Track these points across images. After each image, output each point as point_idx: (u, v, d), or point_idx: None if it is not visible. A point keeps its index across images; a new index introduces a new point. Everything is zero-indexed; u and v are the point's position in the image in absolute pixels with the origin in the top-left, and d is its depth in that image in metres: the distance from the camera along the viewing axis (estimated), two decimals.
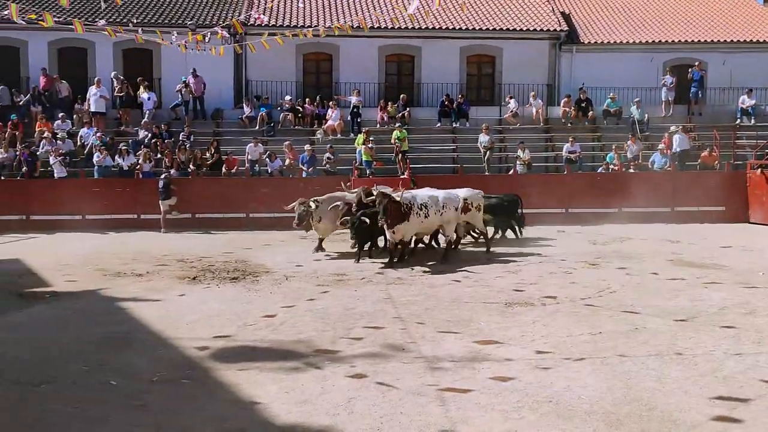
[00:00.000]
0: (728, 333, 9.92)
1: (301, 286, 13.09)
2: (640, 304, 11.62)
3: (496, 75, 28.26)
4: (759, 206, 21.05)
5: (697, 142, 24.10)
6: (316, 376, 8.30)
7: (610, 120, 25.99)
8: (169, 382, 8.11)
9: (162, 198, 20.19)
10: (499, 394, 7.68)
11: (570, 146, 23.38)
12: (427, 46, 27.78)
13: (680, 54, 27.92)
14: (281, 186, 21.61)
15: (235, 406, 7.44)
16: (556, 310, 11.25)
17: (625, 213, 21.15)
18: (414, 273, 14.13)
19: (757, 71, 26.95)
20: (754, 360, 8.75)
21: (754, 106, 25.66)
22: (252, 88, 27.05)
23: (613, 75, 26.94)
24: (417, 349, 9.28)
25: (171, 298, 12.24)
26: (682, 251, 16.59)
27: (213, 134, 24.95)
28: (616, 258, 15.77)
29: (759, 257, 15.75)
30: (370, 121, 25.30)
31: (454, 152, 24.68)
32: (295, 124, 25.55)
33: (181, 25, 25.19)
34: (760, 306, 11.41)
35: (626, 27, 29.15)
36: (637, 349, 9.25)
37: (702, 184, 21.67)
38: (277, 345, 9.54)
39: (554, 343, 9.55)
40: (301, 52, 27.39)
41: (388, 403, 7.44)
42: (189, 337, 9.83)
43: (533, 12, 29.05)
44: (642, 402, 7.43)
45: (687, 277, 13.61)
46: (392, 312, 11.23)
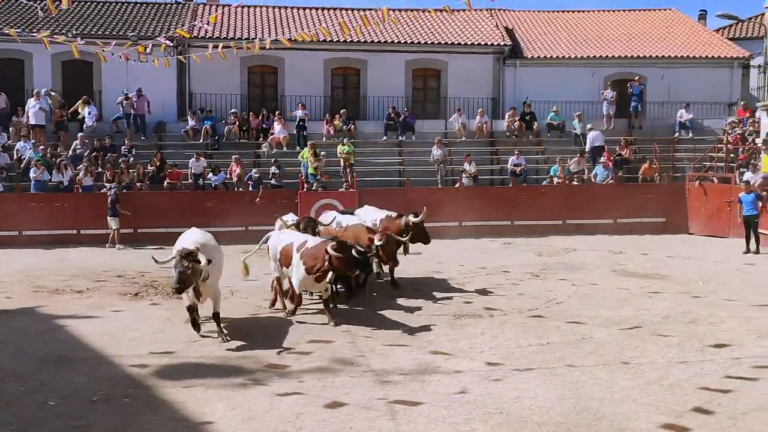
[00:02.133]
0: (672, 341, 10.09)
1: (247, 301, 12.89)
2: (586, 314, 11.75)
3: (442, 88, 28.39)
4: (698, 217, 21.54)
5: (638, 154, 24.59)
6: (263, 392, 8.15)
7: (553, 133, 26.35)
8: (110, 401, 7.87)
9: (110, 214, 19.68)
10: (450, 407, 7.65)
11: (515, 159, 23.61)
12: (372, 59, 27.80)
13: (621, 69, 28.47)
14: (226, 200, 21.33)
15: (180, 425, 7.25)
16: (504, 322, 11.30)
17: (570, 225, 21.44)
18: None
19: (694, 86, 27.61)
20: (698, 368, 8.90)
21: (691, 120, 26.28)
22: (196, 100, 26.67)
23: (556, 89, 27.31)
24: (366, 363, 9.20)
25: (112, 315, 11.93)
26: (625, 262, 16.86)
27: (156, 147, 24.51)
28: (561, 269, 15.94)
29: (699, 267, 16.10)
30: (316, 134, 25.15)
31: (401, 165, 24.71)
32: (240, 138, 25.28)
33: (122, 37, 24.71)
34: (701, 315, 11.64)
35: (568, 42, 29.65)
36: (585, 359, 9.33)
37: (643, 196, 22.10)
38: (224, 361, 9.36)
39: (503, 354, 9.58)
40: (245, 65, 27.10)
41: (337, 418, 7.35)
42: (131, 354, 9.58)
43: (477, 27, 29.34)
44: (591, 411, 7.48)
45: (631, 288, 13.83)
46: (341, 326, 11.12)
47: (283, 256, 11.68)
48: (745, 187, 18.18)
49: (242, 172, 22.21)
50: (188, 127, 25.01)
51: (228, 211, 20.76)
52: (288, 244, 11.68)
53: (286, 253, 11.59)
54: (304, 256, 11.18)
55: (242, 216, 20.55)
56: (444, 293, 13.47)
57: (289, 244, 11.64)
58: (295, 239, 11.74)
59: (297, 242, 11.57)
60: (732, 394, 7.94)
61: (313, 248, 11.21)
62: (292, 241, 11.70)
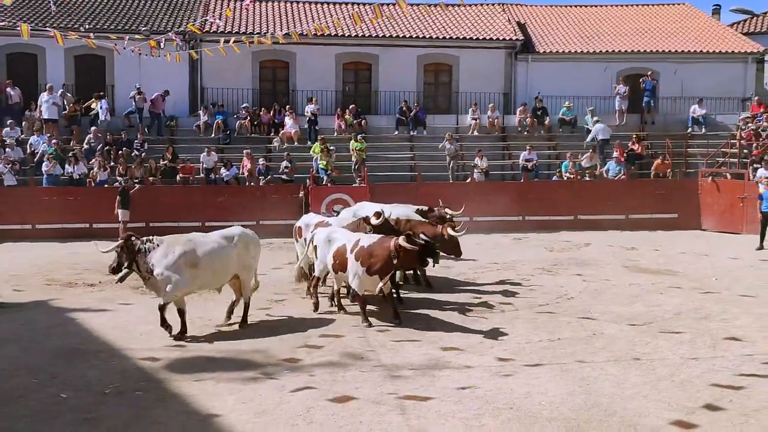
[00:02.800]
0: (684, 338, 10.05)
1: (258, 296, 12.89)
2: (597, 310, 11.72)
3: (453, 83, 28.33)
4: (710, 214, 21.41)
5: (650, 150, 24.47)
6: (274, 386, 8.17)
7: (565, 128, 26.25)
8: (122, 394, 7.92)
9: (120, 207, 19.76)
10: (460, 402, 7.64)
11: (527, 154, 23.55)
12: (384, 54, 27.76)
13: (633, 64, 28.31)
14: (237, 194, 21.38)
15: (191, 418, 7.29)
16: (514, 317, 11.28)
17: (581, 220, 21.36)
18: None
19: (707, 81, 27.44)
20: (709, 364, 8.86)
21: (704, 116, 26.11)
22: (208, 95, 26.73)
23: (568, 84, 27.18)
24: (376, 358, 9.21)
25: (124, 308, 11.99)
26: (637, 258, 16.80)
27: (168, 142, 24.59)
28: (573, 265, 15.89)
29: (711, 263, 16.01)
30: (328, 129, 25.18)
31: (412, 160, 24.69)
32: (251, 132, 25.32)
33: (134, 31, 24.78)
34: (713, 311, 11.59)
35: (581, 37, 29.50)
36: (596, 354, 9.30)
37: (655, 192, 21.99)
38: (234, 355, 9.39)
39: (514, 349, 9.56)
40: (257, 60, 27.13)
41: (347, 413, 7.36)
42: (143, 347, 9.63)
43: (489, 21, 29.26)
44: (602, 407, 7.46)
45: (643, 284, 13.77)
46: (351, 320, 11.14)
47: (336, 259, 11.10)
48: (766, 183, 17.98)
49: (253, 166, 22.26)
50: (200, 121, 25.08)
51: (239, 206, 20.80)
52: (341, 246, 11.10)
53: (340, 255, 11.05)
54: (360, 255, 10.72)
55: (254, 211, 20.60)
56: (455, 288, 13.46)
57: (342, 246, 11.07)
58: (348, 239, 11.18)
59: (350, 243, 11.02)
60: (744, 390, 7.91)
61: (370, 246, 10.74)
62: (345, 242, 11.12)
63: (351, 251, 10.87)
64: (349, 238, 11.18)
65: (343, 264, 11.00)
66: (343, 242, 11.14)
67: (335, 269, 11.20)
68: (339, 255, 11.08)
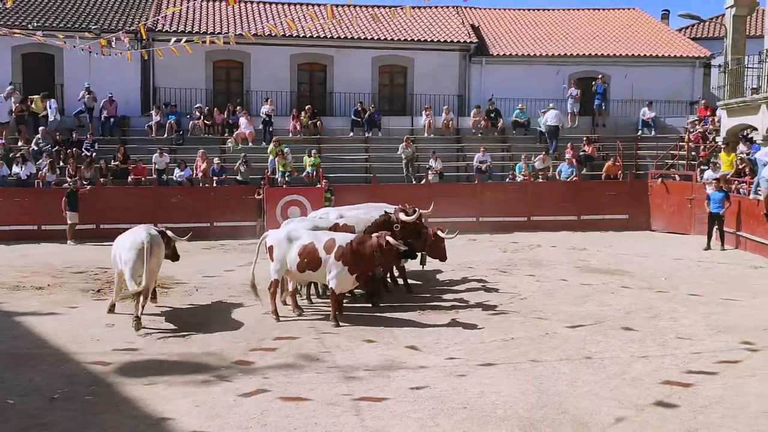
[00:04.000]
0: (634, 336, 10.23)
1: (211, 297, 12.79)
2: (550, 310, 11.86)
3: (408, 85, 28.40)
4: (660, 215, 21.80)
5: (602, 152, 24.84)
6: (227, 388, 8.10)
7: (518, 130, 26.51)
8: (71, 399, 7.76)
9: (68, 209, 19.36)
10: (415, 402, 7.66)
11: (480, 156, 23.72)
12: (339, 55, 27.71)
13: (585, 67, 28.71)
14: (190, 195, 21.12)
15: (142, 423, 7.18)
16: (469, 317, 11.34)
17: (534, 221, 21.59)
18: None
19: (656, 84, 27.98)
20: (659, 362, 9.03)
21: (654, 118, 26.60)
22: (160, 95, 26.38)
23: (521, 86, 27.45)
24: (331, 359, 9.19)
25: (74, 311, 11.76)
26: (589, 258, 17.04)
27: (119, 142, 24.22)
28: (526, 265, 16.06)
29: (661, 263, 16.31)
30: (282, 130, 25.04)
31: (367, 162, 24.69)
32: (205, 133, 25.06)
33: (84, 30, 24.33)
34: (663, 310, 11.81)
35: (534, 40, 29.83)
36: (549, 354, 9.41)
37: (606, 194, 22.32)
38: (187, 358, 9.28)
39: (468, 349, 9.62)
40: (210, 60, 26.84)
41: (302, 414, 7.32)
42: (93, 351, 9.45)
43: (444, 24, 29.42)
44: (554, 406, 7.55)
45: (594, 283, 13.97)
46: (306, 322, 11.09)
47: (304, 258, 10.86)
48: (715, 184, 18.34)
49: (207, 167, 22.02)
50: (152, 121, 24.73)
51: (193, 207, 20.58)
52: (308, 244, 10.89)
53: (309, 254, 10.84)
54: (341, 255, 10.64)
55: (207, 212, 20.41)
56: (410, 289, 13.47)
57: (310, 244, 10.87)
58: (315, 237, 11.01)
59: (320, 241, 10.87)
60: (692, 388, 8.07)
61: (351, 245, 10.67)
62: (312, 240, 10.94)
63: (326, 250, 10.74)
64: (317, 237, 11.06)
65: (313, 263, 10.84)
66: (309, 240, 10.95)
67: (301, 268, 10.98)
68: (308, 254, 10.86)
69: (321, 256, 10.78)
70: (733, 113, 21.50)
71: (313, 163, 22.50)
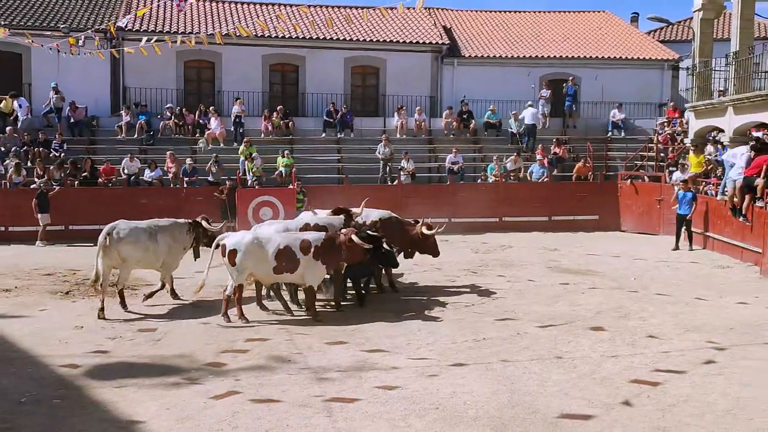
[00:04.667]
0: (604, 336, 10.32)
1: (183, 299, 12.68)
2: (521, 310, 11.92)
3: (380, 86, 28.46)
4: (629, 215, 22.04)
5: (572, 153, 25.06)
6: (198, 391, 8.04)
7: (490, 132, 26.66)
8: (39, 402, 7.66)
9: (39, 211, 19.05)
10: (386, 403, 7.67)
11: (452, 157, 23.81)
12: (311, 55, 27.67)
13: (555, 69, 28.98)
14: (161, 196, 20.92)
15: (111, 426, 7.10)
16: (441, 318, 11.38)
17: (506, 222, 21.71)
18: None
19: (626, 87, 28.29)
20: (629, 362, 9.12)
21: (623, 120, 26.92)
22: (130, 95, 26.15)
23: (492, 88, 27.61)
24: (303, 360, 9.16)
25: (42, 314, 11.60)
26: (560, 259, 17.17)
27: (88, 142, 23.95)
28: (498, 266, 16.14)
29: (631, 263, 16.48)
30: (254, 131, 24.93)
31: (339, 163, 24.67)
32: (176, 133, 24.87)
33: (53, 29, 24.07)
34: (633, 310, 11.93)
35: (505, 42, 30.03)
36: (520, 354, 9.47)
37: (577, 195, 22.53)
38: (157, 360, 9.20)
39: (439, 350, 9.65)
40: (181, 60, 26.66)
41: (273, 416, 7.29)
42: (61, 354, 9.34)
43: (416, 25, 29.50)
44: (525, 406, 7.59)
45: (565, 284, 14.09)
46: (277, 323, 11.05)
47: (282, 261, 10.82)
48: (683, 185, 18.54)
49: (178, 168, 21.83)
50: (122, 122, 24.49)
51: (163, 208, 20.37)
52: (283, 247, 10.83)
53: (286, 256, 10.82)
54: (318, 254, 10.90)
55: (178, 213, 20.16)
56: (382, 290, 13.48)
57: (285, 247, 10.83)
58: (288, 239, 11.01)
59: (295, 242, 10.93)
60: (661, 387, 8.16)
61: (324, 243, 10.99)
62: (287, 243, 10.90)
63: (302, 251, 10.86)
64: (290, 238, 11.10)
65: (290, 265, 10.88)
66: (285, 243, 10.95)
67: (278, 271, 10.94)
68: (284, 256, 10.85)
69: (299, 257, 10.88)
70: (701, 115, 21.80)
71: (286, 163, 22.42)
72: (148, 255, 11.97)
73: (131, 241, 11.73)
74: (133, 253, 11.76)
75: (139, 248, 11.80)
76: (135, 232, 11.83)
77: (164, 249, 12.08)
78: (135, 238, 11.76)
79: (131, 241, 11.73)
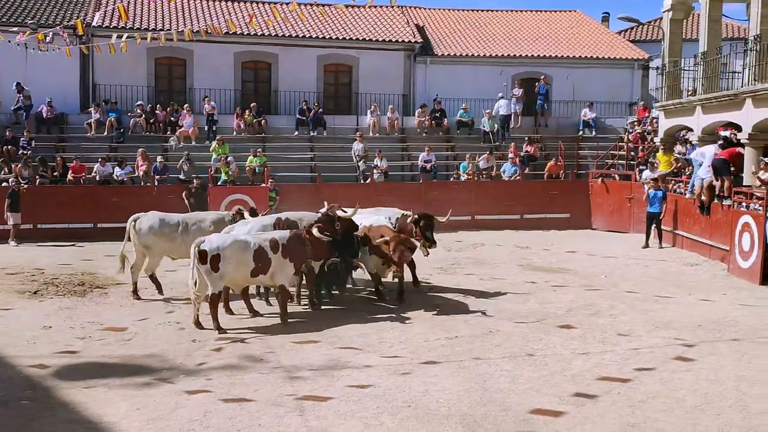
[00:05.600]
0: (575, 333, 10.41)
1: (153, 298, 12.58)
2: (493, 308, 11.98)
3: (353, 84, 28.44)
4: (600, 214, 22.23)
5: (544, 152, 25.22)
6: (169, 390, 7.98)
7: (463, 130, 26.75)
8: (7, 403, 7.56)
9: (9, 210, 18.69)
10: (359, 401, 7.66)
11: (425, 155, 23.85)
12: (284, 53, 27.55)
13: (527, 68, 29.16)
14: (131, 194, 20.69)
15: (81, 427, 7.02)
16: (413, 316, 11.39)
17: (478, 220, 21.79)
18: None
19: (597, 86, 28.56)
20: (599, 359, 9.20)
21: (594, 119, 27.14)
22: (100, 92, 25.84)
23: (465, 86, 27.74)
24: (276, 359, 9.13)
25: (9, 313, 11.43)
26: (531, 257, 17.27)
27: (57, 140, 23.65)
28: (470, 264, 16.20)
29: (601, 261, 16.63)
30: (226, 129, 24.78)
31: (312, 161, 24.59)
32: (147, 131, 24.63)
33: (21, 24, 23.72)
34: (603, 307, 12.04)
35: (478, 41, 30.15)
36: (492, 351, 9.51)
37: (548, 193, 22.68)
38: (128, 360, 9.11)
39: (412, 348, 9.66)
40: (152, 56, 26.41)
41: (245, 415, 7.26)
42: (29, 354, 9.21)
43: (389, 23, 29.51)
44: (497, 403, 7.63)
45: (536, 281, 14.18)
46: (250, 322, 11.00)
47: (259, 263, 10.53)
48: (653, 184, 18.70)
49: (149, 166, 21.61)
50: (92, 119, 24.21)
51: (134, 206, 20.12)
52: (257, 248, 10.53)
53: (262, 257, 10.56)
54: (286, 252, 10.69)
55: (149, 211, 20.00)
56: (354, 288, 13.48)
57: (259, 248, 10.55)
58: (261, 240, 10.77)
59: (267, 242, 10.70)
60: (630, 383, 8.24)
61: (290, 242, 10.83)
62: (260, 243, 10.65)
63: (272, 250, 10.62)
64: (263, 239, 10.85)
65: (265, 266, 10.62)
66: (257, 243, 10.65)
67: (255, 273, 10.62)
68: (261, 257, 10.57)
69: (270, 257, 10.65)
70: (670, 114, 22.04)
71: (259, 163, 22.29)
72: (175, 246, 12.62)
73: (152, 231, 12.53)
74: (155, 243, 12.54)
75: (163, 239, 12.54)
76: (160, 224, 12.65)
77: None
78: (158, 229, 12.55)
79: (152, 231, 12.53)
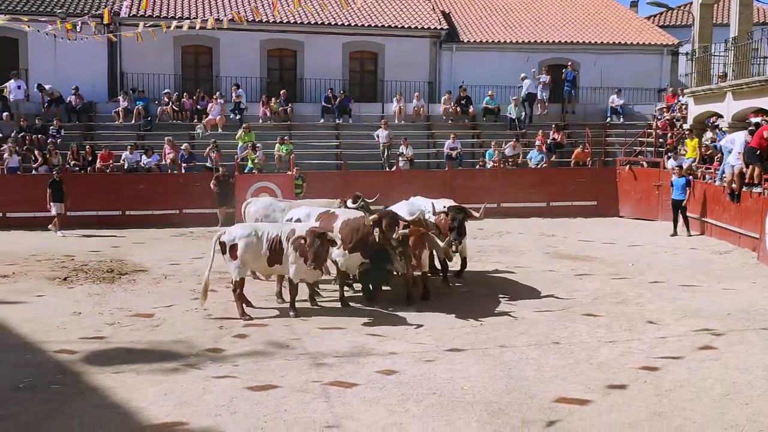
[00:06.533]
0: (601, 322, 10.34)
1: (180, 285, 12.70)
2: (518, 295, 11.94)
3: (379, 72, 28.37)
4: (628, 201, 22.05)
5: (571, 139, 25.03)
6: (196, 376, 8.05)
7: (489, 117, 26.60)
8: (37, 388, 7.67)
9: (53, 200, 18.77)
10: (384, 388, 7.68)
11: (451, 143, 23.77)
12: (309, 41, 27.57)
13: (554, 54, 28.91)
14: (158, 182, 20.89)
15: (110, 412, 7.11)
16: (438, 304, 11.38)
17: (504, 208, 21.67)
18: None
19: (625, 72, 28.27)
20: (626, 347, 9.14)
21: (622, 106, 26.86)
22: (127, 80, 26.05)
23: (491, 73, 27.57)
24: (301, 346, 9.18)
25: (39, 300, 11.60)
26: (557, 244, 17.18)
27: (85, 128, 23.90)
28: (495, 252, 16.15)
29: (628, 249, 16.49)
30: (253, 117, 24.87)
31: (338, 149, 24.62)
32: (173, 119, 24.80)
33: (49, 13, 23.94)
34: (630, 295, 11.95)
35: (504, 27, 29.93)
36: (517, 339, 9.49)
37: (575, 180, 22.52)
38: (156, 346, 9.21)
39: (437, 335, 9.66)
40: (179, 45, 26.55)
41: (271, 401, 7.31)
42: (59, 340, 9.34)
43: (414, 10, 29.37)
44: (522, 391, 7.61)
45: (562, 269, 14.09)
46: (275, 309, 11.06)
47: (272, 252, 10.54)
48: (677, 172, 18.53)
49: (176, 154, 21.76)
50: (119, 107, 24.42)
51: (161, 194, 20.40)
52: (274, 237, 10.57)
53: (275, 247, 10.55)
54: (300, 246, 10.35)
55: (176, 199, 20.25)
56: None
57: (275, 236, 10.57)
58: (277, 229, 10.79)
59: (283, 232, 10.63)
60: (657, 372, 8.17)
61: (300, 236, 10.50)
62: (276, 232, 10.65)
63: (288, 240, 10.47)
64: (278, 228, 10.85)
65: (278, 256, 10.58)
66: (274, 233, 10.67)
67: (271, 263, 10.64)
68: (275, 247, 10.56)
69: (285, 246, 10.57)
70: (700, 100, 21.75)
71: (286, 150, 22.34)
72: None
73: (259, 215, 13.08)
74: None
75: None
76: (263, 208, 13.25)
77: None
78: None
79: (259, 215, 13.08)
